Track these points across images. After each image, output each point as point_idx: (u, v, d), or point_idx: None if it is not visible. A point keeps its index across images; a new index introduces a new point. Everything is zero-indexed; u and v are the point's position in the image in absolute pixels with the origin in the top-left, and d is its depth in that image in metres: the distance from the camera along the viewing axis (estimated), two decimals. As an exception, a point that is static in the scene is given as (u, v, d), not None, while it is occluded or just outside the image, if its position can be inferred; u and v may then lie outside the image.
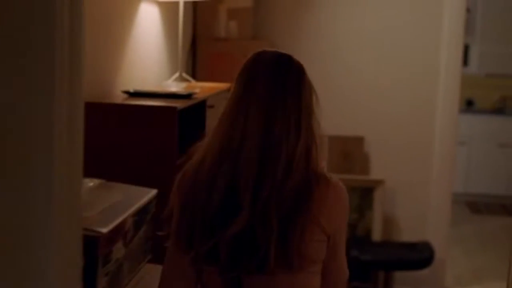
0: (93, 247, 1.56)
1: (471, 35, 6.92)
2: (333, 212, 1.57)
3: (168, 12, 3.68)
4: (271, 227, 1.48)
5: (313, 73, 1.71)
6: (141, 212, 1.87)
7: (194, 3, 4.36)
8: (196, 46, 4.45)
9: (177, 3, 3.48)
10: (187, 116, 2.92)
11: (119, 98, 2.80)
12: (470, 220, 6.57)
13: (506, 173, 7.12)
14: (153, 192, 2.00)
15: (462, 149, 6.60)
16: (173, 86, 3.26)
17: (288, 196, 1.50)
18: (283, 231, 1.49)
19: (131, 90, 2.88)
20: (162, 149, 2.49)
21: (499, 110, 7.43)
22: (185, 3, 3.75)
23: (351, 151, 4.67)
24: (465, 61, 4.69)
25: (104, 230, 1.60)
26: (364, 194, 4.57)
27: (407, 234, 4.76)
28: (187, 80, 3.49)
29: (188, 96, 2.84)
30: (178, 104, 2.59)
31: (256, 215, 1.49)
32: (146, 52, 3.42)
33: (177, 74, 3.44)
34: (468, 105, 7.41)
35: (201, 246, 1.52)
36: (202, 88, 3.40)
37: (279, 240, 1.48)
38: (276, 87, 1.58)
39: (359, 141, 4.69)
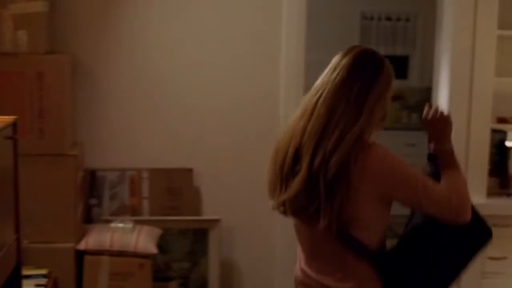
0: None
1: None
2: (375, 175, 1.96)
3: None
4: (318, 190, 1.94)
5: (129, 94, 1.13)
6: None
7: (-33, 8, 3.36)
8: (-26, 64, 3.47)
9: None
10: None
11: None
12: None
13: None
14: None
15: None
16: None
17: (333, 165, 1.92)
18: (328, 193, 1.93)
19: None
20: None
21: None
22: None
23: (178, 186, 4.00)
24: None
25: None
26: (197, 238, 3.97)
27: (251, 282, 4.13)
28: None
29: None
30: None
31: (310, 179, 1.95)
32: None
33: None
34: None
35: (277, 199, 2.11)
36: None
37: (326, 201, 1.94)
38: (350, 81, 1.99)
39: (187, 174, 4.00)
